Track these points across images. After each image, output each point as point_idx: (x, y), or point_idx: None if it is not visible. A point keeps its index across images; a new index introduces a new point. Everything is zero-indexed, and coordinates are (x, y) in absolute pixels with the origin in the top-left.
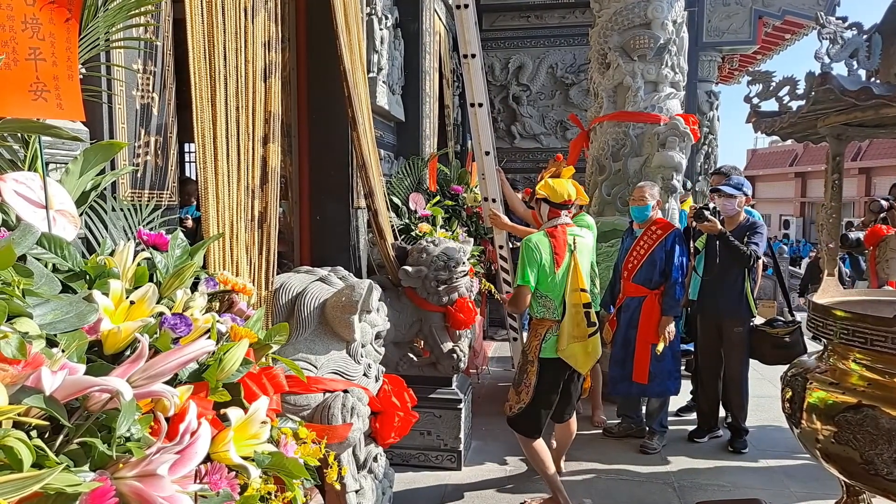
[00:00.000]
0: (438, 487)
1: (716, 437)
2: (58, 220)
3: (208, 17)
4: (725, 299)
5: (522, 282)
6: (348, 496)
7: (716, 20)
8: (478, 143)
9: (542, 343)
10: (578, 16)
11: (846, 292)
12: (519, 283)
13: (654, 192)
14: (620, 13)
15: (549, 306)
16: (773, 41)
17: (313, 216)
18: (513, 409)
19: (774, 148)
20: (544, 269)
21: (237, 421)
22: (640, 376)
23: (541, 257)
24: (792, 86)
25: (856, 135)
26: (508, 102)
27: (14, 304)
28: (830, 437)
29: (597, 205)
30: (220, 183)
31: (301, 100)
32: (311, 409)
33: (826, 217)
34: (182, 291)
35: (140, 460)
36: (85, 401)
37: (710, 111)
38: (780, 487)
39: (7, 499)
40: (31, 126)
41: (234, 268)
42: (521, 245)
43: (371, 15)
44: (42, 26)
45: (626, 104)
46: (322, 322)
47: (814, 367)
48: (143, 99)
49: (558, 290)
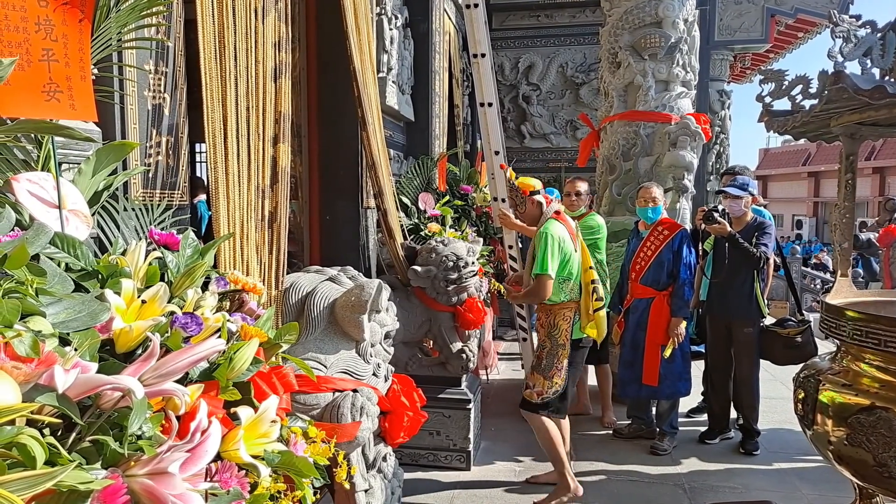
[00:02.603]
0: (448, 487)
1: (727, 439)
2: (70, 220)
3: (219, 18)
4: (735, 300)
5: (544, 271)
6: (357, 495)
7: (727, 18)
8: (487, 143)
9: (572, 326)
10: (589, 15)
11: (860, 293)
12: (540, 273)
13: (661, 192)
14: (631, 12)
15: (573, 289)
16: (785, 39)
17: (323, 216)
18: (544, 394)
19: (787, 147)
20: (566, 253)
21: (247, 420)
22: (649, 378)
23: (563, 243)
24: (805, 84)
25: (869, 134)
26: (518, 102)
27: (27, 302)
28: (843, 438)
29: (607, 204)
30: (231, 183)
31: (311, 100)
32: (321, 408)
33: (839, 217)
34: (193, 291)
35: (151, 458)
36: (97, 399)
37: (721, 110)
38: (792, 490)
39: (21, 495)
40: (44, 126)
41: (245, 267)
42: (540, 236)
43: (381, 15)
44: (55, 27)
45: (636, 103)
46: (332, 322)
47: (827, 368)
48: (154, 99)
49: (577, 270)
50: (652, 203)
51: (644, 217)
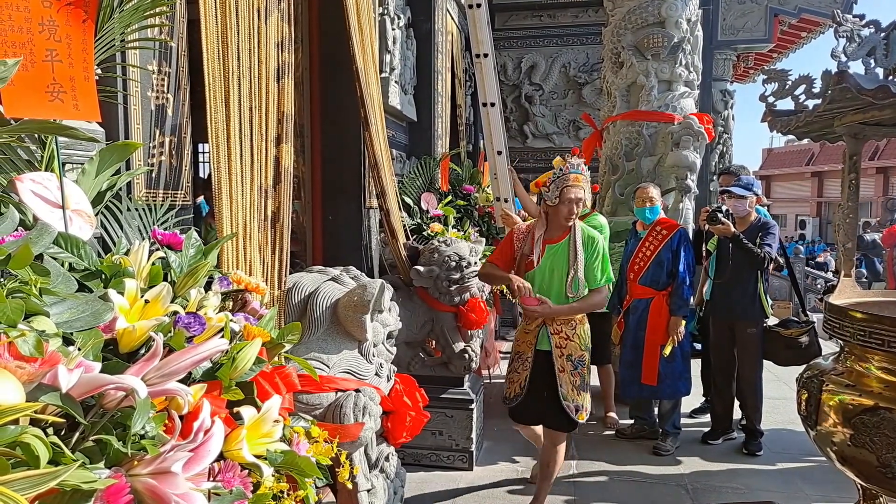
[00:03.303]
0: (450, 487)
1: (730, 440)
2: (74, 220)
3: (222, 19)
4: (738, 301)
5: (609, 280)
6: (360, 495)
7: (731, 18)
8: (490, 143)
9: None
10: (591, 15)
11: (863, 293)
12: (606, 283)
13: (658, 192)
14: (634, 12)
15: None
16: (788, 39)
17: (326, 216)
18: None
19: (790, 147)
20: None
21: (250, 419)
22: (649, 378)
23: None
24: (808, 84)
25: (873, 134)
26: (521, 102)
27: (31, 302)
28: (847, 439)
29: (610, 204)
30: (234, 183)
31: (314, 100)
32: (324, 408)
33: (843, 217)
34: (196, 290)
35: (154, 458)
36: (100, 398)
37: (724, 110)
38: (795, 490)
39: (24, 495)
40: (47, 127)
41: (248, 267)
42: (589, 241)
43: (383, 15)
44: (59, 28)
45: (639, 103)
46: (334, 321)
47: (830, 369)
48: (157, 100)
49: None
50: (649, 203)
51: (642, 217)
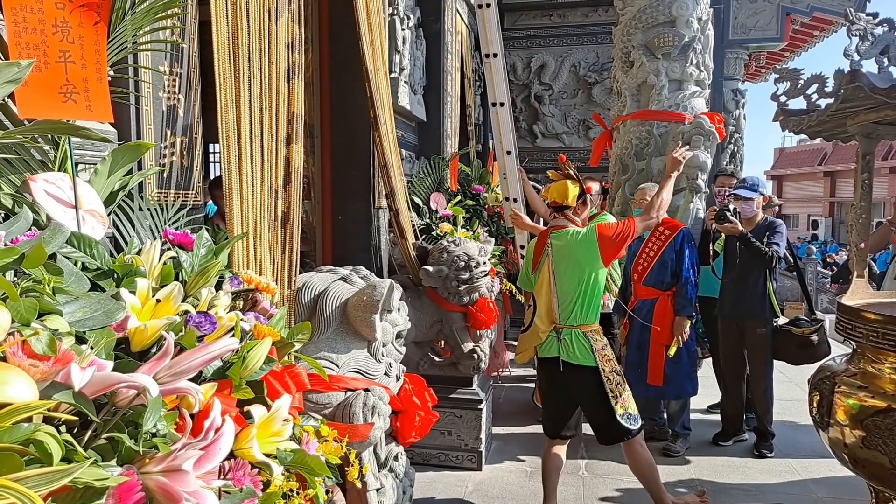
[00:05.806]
0: (459, 487)
1: (741, 441)
2: (87, 220)
3: (233, 20)
4: (747, 301)
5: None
6: (369, 494)
7: (742, 17)
8: (499, 143)
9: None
10: (601, 14)
11: (876, 294)
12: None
13: None
14: (644, 11)
15: None
16: (801, 38)
17: (335, 216)
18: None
19: (802, 147)
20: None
21: (260, 418)
22: (654, 379)
23: None
24: (820, 83)
25: (886, 133)
26: (530, 101)
27: (44, 301)
28: (859, 441)
29: (620, 204)
30: (244, 183)
31: (324, 100)
32: (333, 407)
33: (856, 217)
34: (207, 290)
35: (165, 456)
36: (112, 397)
37: (736, 109)
38: (806, 492)
39: (38, 492)
40: (61, 127)
41: (258, 267)
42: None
43: (393, 15)
44: (72, 29)
45: (650, 103)
46: (344, 321)
47: (842, 370)
48: (169, 100)
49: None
50: None
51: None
